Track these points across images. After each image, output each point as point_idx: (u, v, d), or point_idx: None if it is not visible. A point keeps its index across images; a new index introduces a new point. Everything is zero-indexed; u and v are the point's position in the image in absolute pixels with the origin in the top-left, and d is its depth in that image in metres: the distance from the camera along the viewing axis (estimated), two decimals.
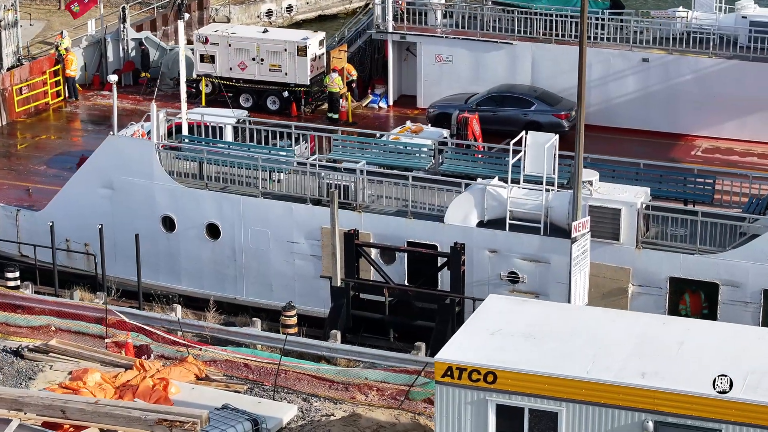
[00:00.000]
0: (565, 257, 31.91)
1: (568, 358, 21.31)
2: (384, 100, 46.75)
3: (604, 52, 43.54)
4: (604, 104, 43.59)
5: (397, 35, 45.96)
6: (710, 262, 30.76)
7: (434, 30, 45.67)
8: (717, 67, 42.65)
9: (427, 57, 45.55)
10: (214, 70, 46.09)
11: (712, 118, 42.79)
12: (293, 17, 63.87)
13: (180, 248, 36.12)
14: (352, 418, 26.91)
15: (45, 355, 30.71)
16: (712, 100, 42.52)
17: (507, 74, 44.33)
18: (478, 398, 21.20)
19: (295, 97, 45.41)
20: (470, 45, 44.89)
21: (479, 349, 21.57)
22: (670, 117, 43.05)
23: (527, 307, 23.55)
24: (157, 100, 47.91)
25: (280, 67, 45.46)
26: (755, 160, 41.50)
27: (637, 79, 43.19)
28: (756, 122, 42.28)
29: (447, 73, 45.26)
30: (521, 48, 44.44)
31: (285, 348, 30.56)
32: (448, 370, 21.21)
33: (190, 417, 22.93)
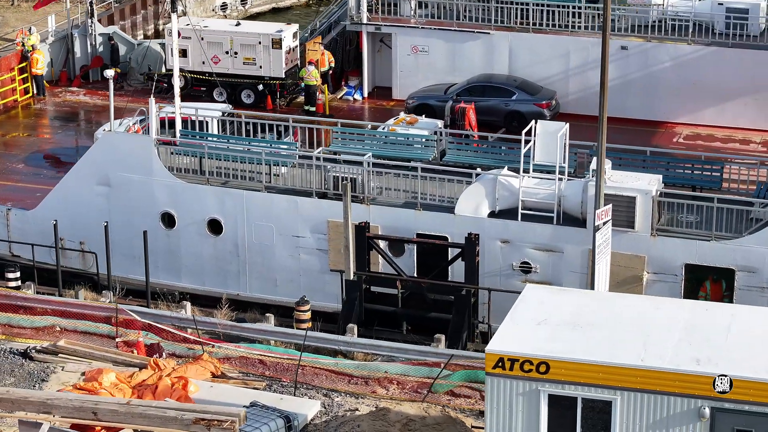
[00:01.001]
0: (579, 246, 31.84)
1: (620, 346, 21.05)
2: (359, 91, 46.33)
3: (582, 41, 43.43)
4: (582, 92, 43.44)
5: (371, 26, 45.53)
6: (726, 248, 30.70)
7: (409, 21, 45.24)
8: (696, 54, 42.64)
9: (402, 48, 45.18)
10: (186, 65, 45.47)
11: (691, 105, 42.82)
12: (248, 10, 63.38)
13: (180, 245, 35.52)
14: (380, 413, 26.47)
15: (54, 356, 30.01)
16: (691, 87, 42.51)
17: (484, 64, 44.09)
18: (530, 389, 20.88)
19: (270, 90, 44.90)
20: (446, 35, 44.60)
21: (528, 339, 21.26)
22: (649, 104, 43.04)
23: (566, 297, 23.26)
24: (128, 95, 47.55)
25: (254, 60, 44.95)
26: (737, 146, 41.58)
27: (616, 67, 42.96)
28: (735, 108, 42.36)
29: (423, 64, 44.94)
30: (498, 37, 44.21)
31: (299, 343, 30.14)
32: (500, 361, 20.86)
33: (228, 415, 22.41)
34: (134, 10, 58.07)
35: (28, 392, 24.18)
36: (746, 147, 41.28)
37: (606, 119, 27.73)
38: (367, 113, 45.02)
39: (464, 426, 26.18)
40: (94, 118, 45.71)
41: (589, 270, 28.20)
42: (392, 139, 36.48)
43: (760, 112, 42.40)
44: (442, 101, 42.46)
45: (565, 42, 43.59)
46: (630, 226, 31.08)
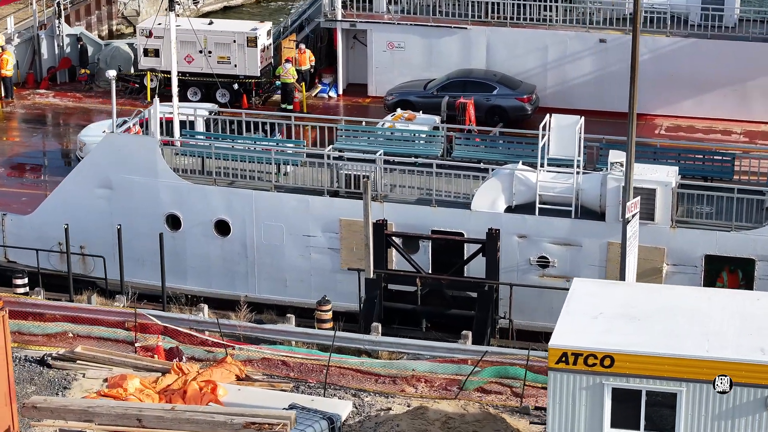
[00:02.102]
0: (598, 240, 31.77)
1: (681, 337, 20.93)
2: (333, 89, 45.96)
3: (559, 34, 43.38)
4: (560, 86, 43.44)
5: (346, 23, 45.18)
6: (747, 239, 30.74)
7: (383, 17, 44.86)
8: (674, 45, 42.72)
9: (378, 44, 44.82)
10: (159, 64, 44.90)
11: (670, 97, 42.89)
12: (199, 9, 62.89)
13: (186, 247, 34.93)
14: (418, 411, 26.17)
15: (72, 363, 29.41)
16: (669, 78, 42.57)
17: (461, 59, 43.88)
18: (593, 383, 20.69)
19: (245, 89, 44.42)
20: (423, 31, 44.35)
21: (588, 333, 21.07)
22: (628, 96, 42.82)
23: (615, 289, 23.13)
24: (97, 97, 46.82)
25: (229, 59, 44.46)
26: (719, 136, 41.72)
27: (595, 60, 43.10)
28: (714, 99, 42.43)
29: (399, 60, 44.60)
30: (475, 32, 44.02)
31: (322, 343, 29.77)
32: (563, 356, 20.63)
33: (279, 419, 21.95)
34: (89, 10, 57.48)
35: (68, 400, 23.56)
36: (728, 138, 41.43)
37: (635, 113, 27.58)
38: (343, 110, 44.62)
39: (504, 422, 25.97)
40: (67, 121, 44.93)
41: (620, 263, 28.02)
42: (398, 136, 36.16)
43: (739, 102, 42.59)
44: (422, 97, 42.23)
45: (542, 36, 43.51)
46: (650, 218, 31.00)
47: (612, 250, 31.61)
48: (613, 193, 31.11)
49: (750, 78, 41.98)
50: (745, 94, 42.39)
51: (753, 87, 42.10)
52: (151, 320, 29.89)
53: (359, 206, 33.16)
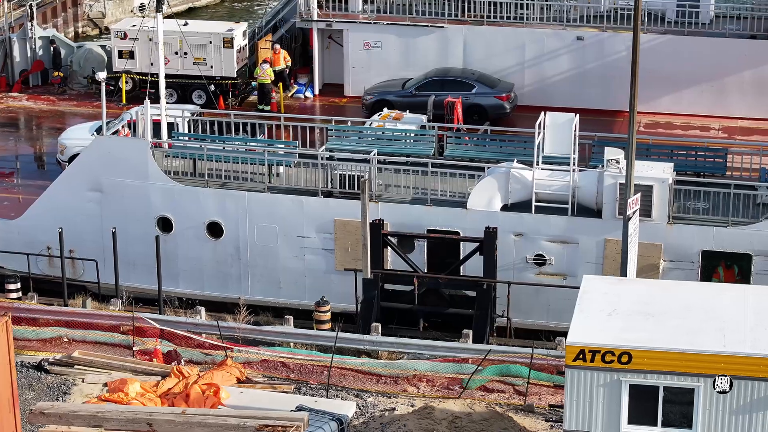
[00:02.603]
0: (594, 237, 31.81)
1: (698, 333, 20.98)
2: (309, 89, 45.78)
3: (537, 32, 43.39)
4: (538, 84, 43.41)
5: (322, 23, 45.02)
6: (744, 234, 30.86)
7: (364, 16, 44.69)
8: (651, 42, 42.79)
9: (354, 44, 44.62)
10: (134, 66, 44.62)
11: (648, 94, 42.84)
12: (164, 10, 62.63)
13: (178, 249, 34.65)
14: (425, 411, 26.06)
15: (70, 368, 29.09)
16: (647, 75, 42.47)
17: (438, 58, 43.75)
18: (611, 380, 20.70)
19: (221, 90, 44.18)
20: (399, 30, 44.22)
21: (605, 330, 21.08)
22: (606, 94, 42.91)
23: (626, 286, 23.20)
24: (71, 100, 46.42)
25: (204, 60, 44.22)
26: (698, 132, 41.85)
27: (572, 58, 43.11)
28: (691, 96, 42.47)
29: (375, 60, 44.39)
30: (452, 31, 43.94)
31: (321, 344, 29.63)
32: (580, 353, 20.63)
33: (292, 420, 21.76)
34: (55, 13, 57.01)
35: (76, 406, 23.25)
36: (707, 134, 41.52)
37: (636, 110, 27.58)
38: (320, 110, 44.44)
39: (512, 421, 25.92)
40: (41, 124, 44.47)
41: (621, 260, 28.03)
42: (389, 135, 36.04)
43: (717, 98, 42.70)
44: (400, 97, 42.15)
45: (519, 34, 43.50)
46: (647, 215, 31.05)
47: (609, 246, 31.67)
48: (610, 190, 31.17)
49: (727, 74, 42.14)
50: (722, 89, 42.53)
51: (730, 83, 42.25)
52: (149, 323, 29.63)
53: (354, 206, 33.07)
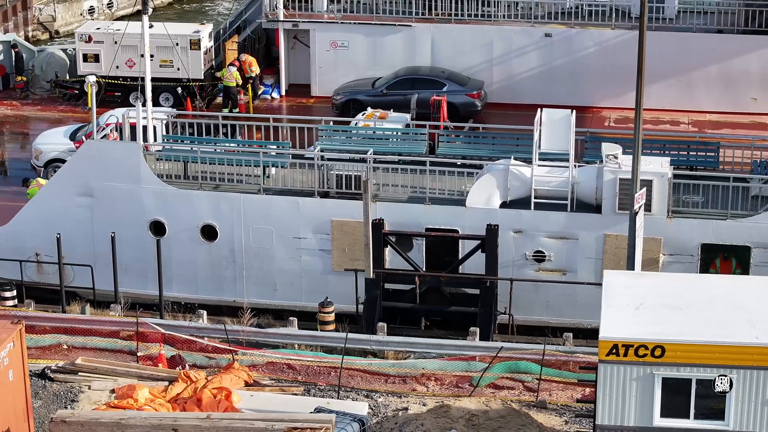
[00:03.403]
0: (594, 232, 31.94)
1: (727, 325, 21.07)
2: (276, 90, 45.59)
3: (505, 29, 43.49)
4: (506, 81, 43.55)
5: (288, 23, 44.83)
6: (743, 226, 31.11)
7: (329, 16, 44.51)
8: (619, 38, 43.08)
9: (321, 44, 44.49)
10: (99, 69, 44.25)
11: (616, 89, 43.17)
12: (114, 13, 62.25)
13: (171, 253, 34.29)
14: (441, 409, 26.00)
15: (74, 375, 28.71)
16: (615, 70, 42.87)
17: (405, 57, 43.73)
18: (644, 373, 20.73)
19: (189, 93, 43.91)
20: (367, 29, 44.16)
21: (636, 324, 21.11)
22: (574, 90, 43.14)
23: (648, 280, 23.26)
24: (34, 104, 45.92)
25: (171, 62, 43.93)
26: (668, 127, 42.14)
27: (541, 54, 43.26)
28: (659, 90, 42.72)
29: (342, 59, 44.29)
30: (420, 30, 43.95)
31: (327, 346, 29.48)
32: (613, 348, 20.65)
33: (321, 422, 21.61)
34: (5, 16, 56.42)
35: (98, 413, 22.93)
36: (677, 128, 41.81)
37: (642, 106, 27.71)
38: (288, 111, 44.23)
39: (529, 417, 25.91)
40: (4, 129, 43.98)
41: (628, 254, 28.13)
42: (380, 135, 35.93)
43: (684, 93, 43.04)
44: (371, 96, 42.09)
45: (487, 32, 43.60)
46: (647, 209, 31.10)
47: (609, 241, 31.81)
48: (610, 185, 31.30)
49: (694, 68, 42.46)
50: (689, 83, 42.85)
51: (697, 77, 42.58)
52: (154, 329, 29.29)
53: (351, 206, 33.03)
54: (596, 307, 32.02)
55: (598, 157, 33.25)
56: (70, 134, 40.60)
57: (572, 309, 32.45)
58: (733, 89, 42.45)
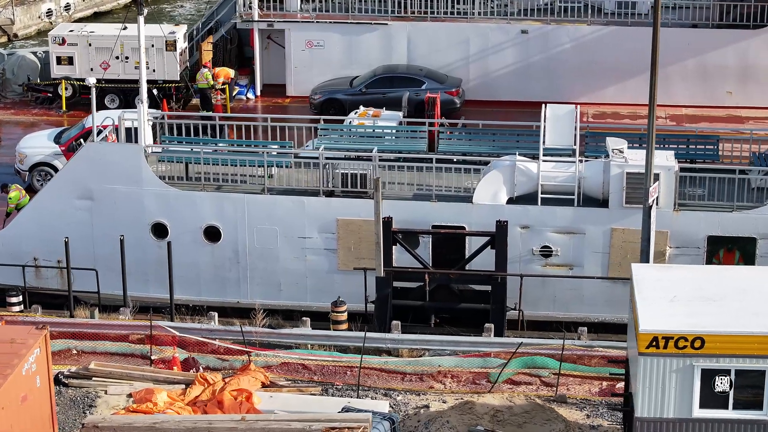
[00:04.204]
0: (601, 226, 32.10)
1: (762, 315, 21.26)
2: (251, 90, 45.45)
3: (481, 27, 43.64)
4: (483, 78, 43.68)
5: (263, 23, 44.67)
6: (749, 218, 31.38)
7: (303, 15, 44.32)
8: (595, 34, 43.33)
9: (296, 44, 44.38)
10: (73, 72, 43.93)
11: (593, 85, 43.46)
12: (71, 16, 61.92)
13: (173, 255, 33.91)
14: (466, 406, 26.00)
15: (88, 380, 28.45)
16: (591, 66, 43.11)
17: (381, 55, 43.73)
18: (683, 365, 20.87)
19: (164, 94, 43.66)
20: (342, 28, 44.12)
21: (674, 317, 21.23)
22: (551, 86, 43.31)
23: (676, 273, 23.39)
24: (6, 108, 45.47)
25: (147, 64, 43.62)
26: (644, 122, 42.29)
27: (517, 51, 43.41)
28: (636, 85, 42.83)
29: (318, 59, 44.22)
30: (396, 28, 43.98)
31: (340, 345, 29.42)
32: (653, 340, 20.77)
33: (358, 422, 21.55)
34: None
35: (131, 417, 22.77)
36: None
37: (655, 100, 27.88)
38: (263, 111, 44.03)
39: (553, 412, 25.99)
40: None
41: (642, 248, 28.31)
42: (380, 133, 35.88)
43: (661, 87, 42.59)
44: (350, 95, 42.07)
45: (463, 29, 43.72)
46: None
47: (615, 236, 31.98)
48: (617, 180, 31.45)
49: (669, 63, 42.67)
50: (665, 78, 43.02)
51: (673, 71, 42.87)
52: (168, 332, 29.10)
53: (356, 205, 33.01)
54: (603, 302, 32.67)
55: (598, 152, 33.49)
56: (54, 137, 40.25)
57: (579, 303, 32.59)
58: (709, 83, 42.80)
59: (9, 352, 22.34)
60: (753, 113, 42.39)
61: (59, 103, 44.13)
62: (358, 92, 42.08)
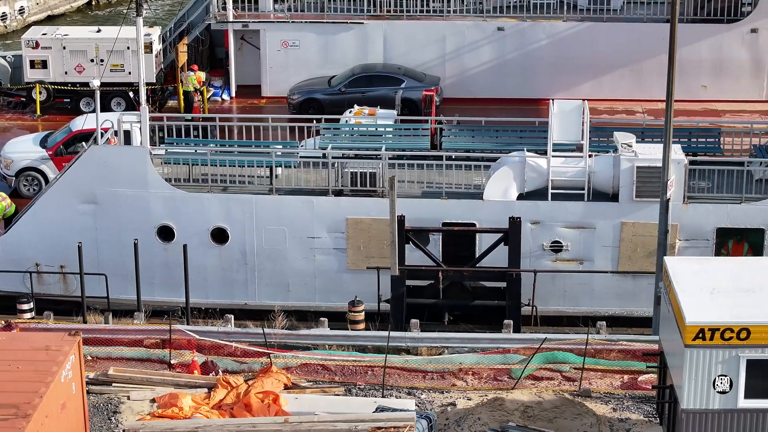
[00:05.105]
0: (611, 221, 32.31)
1: None
2: (226, 91, 45.30)
3: (457, 25, 43.74)
4: (459, 76, 43.72)
5: (238, 24, 44.52)
6: (757, 209, 31.72)
7: (277, 15, 44.10)
8: (570, 30, 43.58)
9: (271, 44, 44.24)
10: (47, 76, 43.59)
11: (569, 81, 43.69)
12: (26, 19, 61.51)
13: (180, 258, 33.64)
14: (496, 403, 26.06)
15: (107, 387, 28.19)
16: (567, 63, 43.34)
17: (358, 55, 43.68)
18: (729, 356, 21.05)
19: None
20: (318, 28, 44.05)
21: (718, 308, 21.42)
22: (528, 83, 43.49)
23: (709, 265, 23.65)
24: None
25: (122, 67, 43.40)
26: (624, 116, 42.76)
27: (493, 48, 43.50)
28: (612, 81, 43.28)
29: (293, 59, 44.09)
30: (372, 27, 43.98)
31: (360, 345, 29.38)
32: (700, 332, 20.95)
33: (403, 421, 21.55)
34: None
35: (172, 422, 22.64)
36: (632, 117, 42.31)
37: (673, 95, 28.10)
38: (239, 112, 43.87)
39: (583, 406, 26.11)
40: None
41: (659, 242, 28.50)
42: (381, 131, 35.86)
43: (636, 82, 43.63)
44: (329, 95, 42.03)
45: (440, 27, 43.80)
46: None
47: (625, 229, 32.20)
48: (627, 174, 31.67)
49: (645, 57, 43.01)
50: (641, 73, 43.42)
51: (648, 66, 43.11)
52: (188, 335, 28.90)
53: (366, 204, 33.01)
54: (612, 296, 32.89)
55: (602, 147, 33.71)
56: (39, 141, 39.85)
57: (589, 298, 32.79)
58: (684, 77, 43.00)
59: (47, 359, 22.15)
60: (728, 107, 42.79)
61: (33, 107, 43.70)
62: (337, 92, 42.01)
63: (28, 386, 21.20)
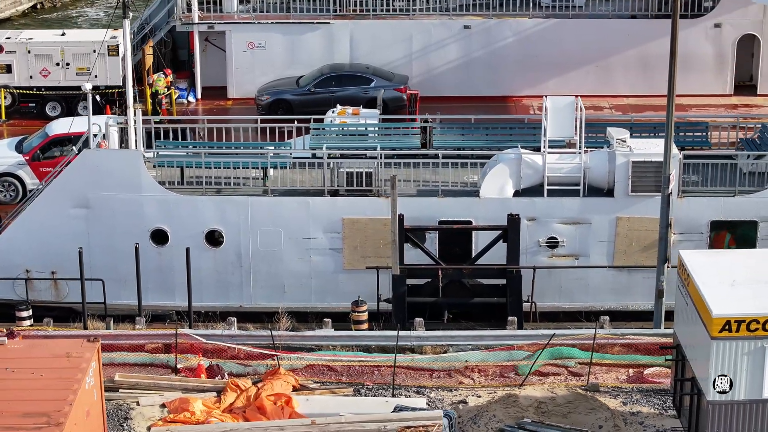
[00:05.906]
0: (607, 216, 32.56)
1: None
2: (191, 93, 45.15)
3: (424, 23, 43.89)
4: (426, 74, 43.82)
5: (204, 25, 44.37)
6: (751, 202, 32.14)
7: (243, 16, 44.00)
8: (536, 27, 43.86)
9: (237, 45, 44.10)
10: (11, 80, 43.23)
11: (536, 77, 43.97)
12: None
13: (174, 261, 33.61)
14: (510, 399, 26.22)
15: (114, 392, 28.01)
16: (533, 59, 43.57)
17: (325, 54, 43.68)
18: (755, 347, 21.34)
19: (107, 100, 43.13)
20: (284, 28, 43.97)
21: (741, 300, 21.71)
22: (494, 80, 43.66)
23: (726, 257, 23.98)
24: None
25: (88, 70, 43.13)
26: (592, 112, 43.04)
27: (460, 47, 43.62)
28: (578, 77, 43.55)
29: (260, 60, 43.91)
30: (338, 26, 44.00)
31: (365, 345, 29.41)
32: (726, 324, 21.21)
33: (432, 419, 21.62)
34: None
35: (197, 428, 22.50)
36: (600, 112, 42.58)
37: (674, 93, 28.41)
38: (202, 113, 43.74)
39: (597, 401, 26.34)
40: None
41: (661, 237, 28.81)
42: (372, 131, 35.92)
43: (602, 78, 43.92)
44: (298, 95, 42.01)
45: (406, 26, 43.93)
46: (658, 190, 31.88)
47: (621, 224, 32.49)
48: (622, 169, 31.96)
49: (611, 54, 43.38)
50: (607, 69, 43.74)
51: (614, 62, 43.49)
52: (195, 339, 28.77)
53: (362, 204, 33.02)
54: (607, 291, 33.17)
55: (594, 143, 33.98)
56: (15, 146, 39.46)
57: (584, 293, 33.06)
58: (650, 73, 43.39)
59: (70, 366, 21.96)
60: (693, 101, 43.23)
61: None
62: (306, 92, 41.93)
63: (55, 394, 20.99)
